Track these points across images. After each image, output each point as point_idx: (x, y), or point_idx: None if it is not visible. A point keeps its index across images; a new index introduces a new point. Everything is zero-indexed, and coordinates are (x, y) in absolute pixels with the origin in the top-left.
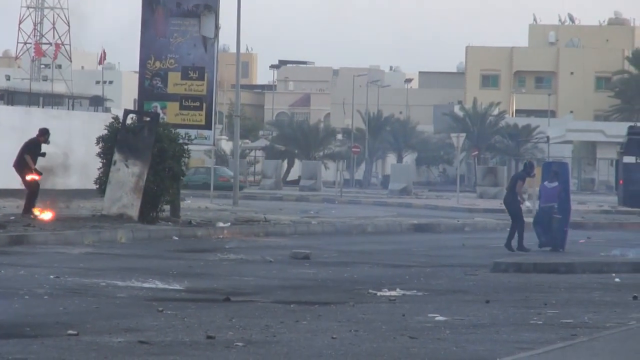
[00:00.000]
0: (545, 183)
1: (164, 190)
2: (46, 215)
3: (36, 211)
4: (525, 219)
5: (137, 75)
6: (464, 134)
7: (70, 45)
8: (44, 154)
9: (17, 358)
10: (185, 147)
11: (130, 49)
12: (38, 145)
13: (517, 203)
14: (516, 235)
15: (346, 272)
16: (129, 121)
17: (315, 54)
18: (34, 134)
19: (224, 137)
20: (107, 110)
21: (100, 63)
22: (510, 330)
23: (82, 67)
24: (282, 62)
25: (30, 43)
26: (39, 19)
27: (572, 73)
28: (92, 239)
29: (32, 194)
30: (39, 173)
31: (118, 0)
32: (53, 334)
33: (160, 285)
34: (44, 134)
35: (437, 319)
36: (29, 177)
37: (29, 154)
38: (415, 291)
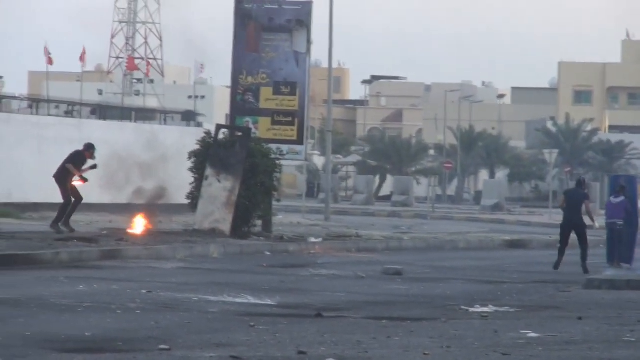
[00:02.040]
0: (611, 198)
1: (256, 205)
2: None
3: (62, 226)
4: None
5: (229, 90)
6: (556, 150)
7: (162, 59)
8: (95, 166)
9: None
10: (277, 162)
11: (223, 64)
12: (83, 158)
13: (583, 222)
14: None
15: (438, 288)
16: (221, 136)
17: (408, 69)
18: (125, 148)
19: (316, 152)
20: (199, 125)
21: (200, 72)
22: (603, 347)
23: (174, 82)
24: (374, 78)
25: (122, 57)
26: (131, 34)
27: None
28: (185, 253)
29: (65, 205)
30: (84, 179)
31: (210, 16)
32: (145, 348)
33: (252, 300)
34: (89, 149)
35: (529, 335)
36: (74, 181)
37: (73, 165)
38: (507, 307)
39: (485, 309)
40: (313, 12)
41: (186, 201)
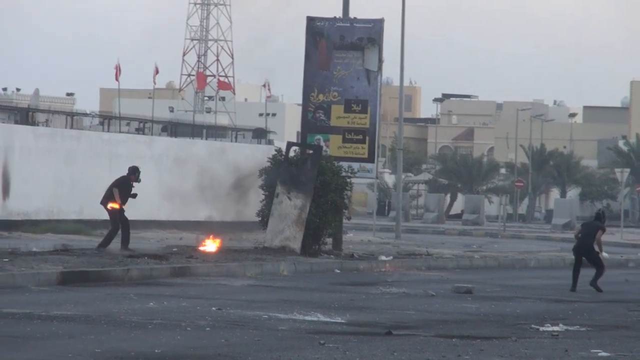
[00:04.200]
0: None
1: (327, 223)
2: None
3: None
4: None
5: (300, 108)
6: (628, 169)
7: (233, 77)
8: (134, 196)
9: None
10: (348, 180)
11: (294, 82)
12: (128, 183)
13: (594, 250)
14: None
15: (508, 306)
16: (292, 154)
17: (479, 87)
18: (196, 165)
19: (386, 170)
20: (270, 142)
21: (267, 97)
22: None
23: (246, 99)
24: (446, 96)
25: (193, 75)
26: (203, 51)
27: None
28: (255, 271)
29: (114, 232)
30: (121, 205)
31: (281, 34)
32: None
33: (322, 318)
34: (134, 172)
35: (600, 354)
36: (109, 205)
37: (117, 189)
38: (578, 326)
39: (555, 328)
40: (384, 30)
41: (257, 218)
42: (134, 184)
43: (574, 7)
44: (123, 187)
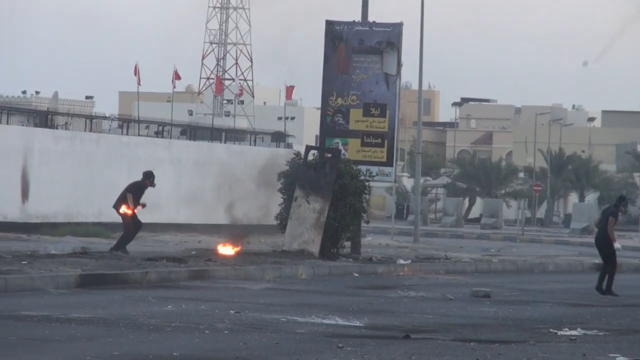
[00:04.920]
0: None
1: (345, 227)
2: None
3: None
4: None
5: (319, 112)
6: None
7: (252, 80)
8: (144, 205)
9: None
10: (367, 183)
11: (312, 86)
12: (142, 188)
13: (610, 243)
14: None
15: (527, 310)
16: (310, 157)
17: (498, 91)
18: (213, 168)
19: (405, 174)
20: (289, 146)
21: (287, 98)
22: None
23: (265, 103)
24: (464, 100)
25: (212, 79)
26: (222, 55)
27: None
28: (273, 274)
29: (128, 235)
30: (133, 209)
31: (300, 37)
32: None
33: (340, 321)
34: (149, 177)
35: (618, 359)
36: (122, 210)
37: (131, 194)
38: (596, 331)
39: (573, 332)
40: (403, 34)
41: (275, 222)
42: (150, 189)
43: (592, 10)
44: (137, 192)
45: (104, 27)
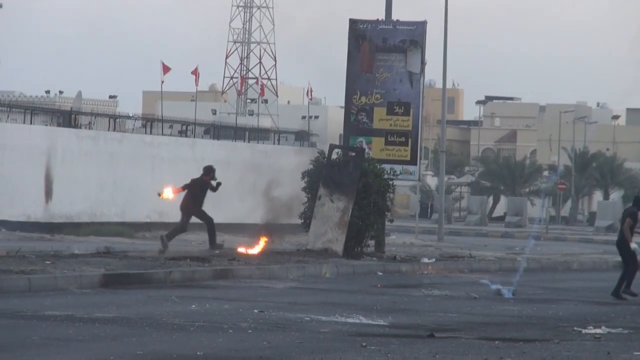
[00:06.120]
0: None
1: (369, 226)
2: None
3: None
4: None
5: (342, 110)
6: None
7: (276, 79)
8: (217, 186)
9: None
10: (391, 182)
11: (336, 84)
12: (203, 185)
13: (628, 245)
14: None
15: (551, 309)
16: (334, 156)
17: (522, 89)
18: (237, 168)
19: (429, 172)
20: (313, 145)
21: (309, 98)
22: None
23: (288, 102)
24: (489, 98)
25: (236, 78)
26: (246, 54)
27: None
28: (297, 273)
29: (210, 225)
30: (169, 193)
31: (323, 36)
32: None
33: (364, 320)
34: (210, 172)
35: None
36: (161, 193)
37: (193, 193)
38: (620, 329)
39: (598, 331)
40: (427, 32)
41: (299, 220)
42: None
43: (616, 9)
44: (195, 189)
45: (128, 26)
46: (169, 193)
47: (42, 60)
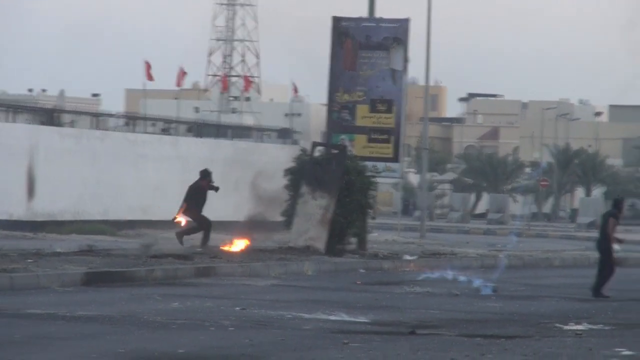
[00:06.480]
0: None
1: (351, 223)
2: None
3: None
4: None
5: (325, 108)
6: None
7: (260, 77)
8: (217, 189)
9: None
10: (373, 179)
11: (319, 82)
12: (200, 190)
13: (608, 248)
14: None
15: (532, 305)
16: (317, 154)
17: (505, 87)
18: (219, 166)
19: (411, 170)
20: (295, 142)
21: (295, 94)
22: None
23: (271, 100)
24: (471, 95)
25: (219, 76)
26: (229, 52)
27: None
28: (279, 271)
29: (207, 227)
30: (193, 208)
31: (306, 34)
32: None
33: (345, 317)
34: (206, 176)
35: (623, 353)
36: (177, 218)
37: (189, 199)
38: (602, 325)
39: (579, 327)
40: (410, 29)
41: (281, 218)
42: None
43: (598, 5)
44: (194, 195)
45: (110, 25)
46: (181, 217)
47: (25, 59)
